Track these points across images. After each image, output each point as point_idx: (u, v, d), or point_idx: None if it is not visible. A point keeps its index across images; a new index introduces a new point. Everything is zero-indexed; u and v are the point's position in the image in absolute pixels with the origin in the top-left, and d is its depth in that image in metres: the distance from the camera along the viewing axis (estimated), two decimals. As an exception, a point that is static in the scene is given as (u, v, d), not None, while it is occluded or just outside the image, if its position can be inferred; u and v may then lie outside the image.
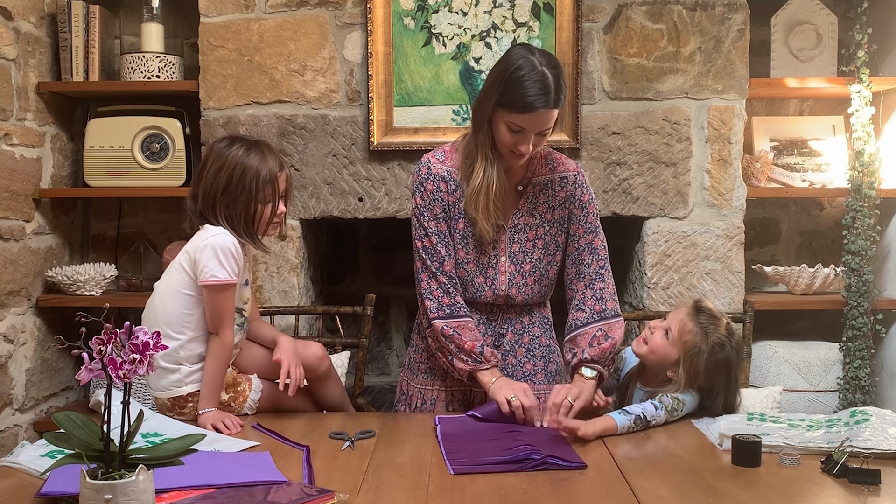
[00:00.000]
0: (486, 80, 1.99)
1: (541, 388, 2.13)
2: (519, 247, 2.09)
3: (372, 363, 3.48)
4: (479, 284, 2.08)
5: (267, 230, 2.04)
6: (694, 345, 1.95)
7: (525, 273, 2.09)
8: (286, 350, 2.03)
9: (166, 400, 1.97)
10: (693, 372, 1.95)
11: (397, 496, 1.44)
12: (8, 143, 2.72)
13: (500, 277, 2.08)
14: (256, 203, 1.98)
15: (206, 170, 1.99)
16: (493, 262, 2.07)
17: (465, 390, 2.11)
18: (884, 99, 2.99)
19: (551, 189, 2.10)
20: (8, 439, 2.71)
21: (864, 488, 1.48)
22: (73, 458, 1.26)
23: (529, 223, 2.09)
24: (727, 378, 1.96)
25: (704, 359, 1.94)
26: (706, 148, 2.85)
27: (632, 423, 1.84)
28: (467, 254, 2.07)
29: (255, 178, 1.96)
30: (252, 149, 1.99)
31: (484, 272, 2.07)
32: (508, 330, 2.12)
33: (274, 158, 2.01)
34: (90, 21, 2.94)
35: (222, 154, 1.98)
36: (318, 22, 2.84)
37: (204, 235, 1.95)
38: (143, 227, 3.26)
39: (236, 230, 1.97)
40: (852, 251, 2.88)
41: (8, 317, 2.72)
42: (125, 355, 1.19)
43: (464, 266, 2.07)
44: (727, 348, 1.96)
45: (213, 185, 1.97)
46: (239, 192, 1.96)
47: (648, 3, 2.83)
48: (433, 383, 2.14)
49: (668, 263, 2.87)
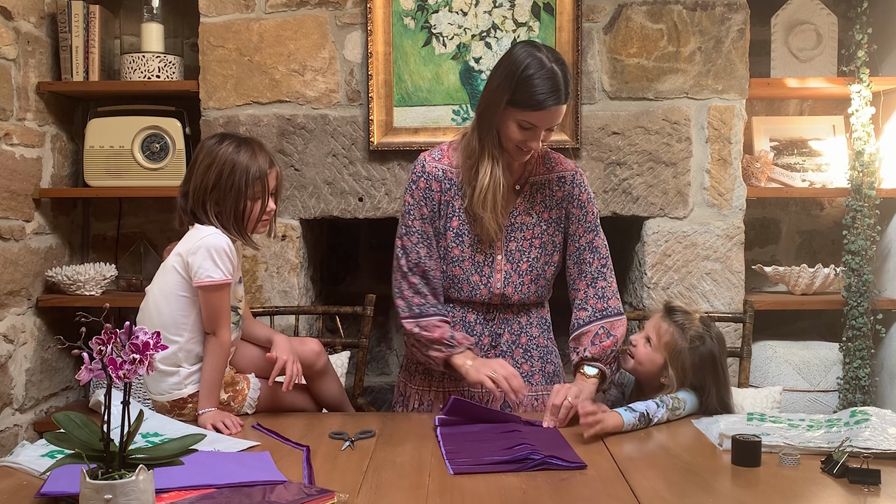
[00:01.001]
0: (492, 79, 1.99)
1: (538, 388, 2.14)
2: (516, 245, 2.09)
3: (372, 363, 3.48)
4: (474, 283, 2.08)
5: (256, 227, 2.04)
6: (675, 344, 2.00)
7: (522, 272, 2.09)
8: (282, 347, 2.05)
9: (166, 402, 1.97)
10: (681, 370, 1.99)
11: (397, 496, 1.44)
12: (8, 143, 2.72)
13: (495, 276, 2.08)
14: (246, 200, 1.97)
15: (196, 167, 1.99)
16: (488, 260, 2.08)
17: (462, 391, 2.11)
18: (884, 99, 2.99)
19: (549, 188, 2.10)
20: (8, 439, 2.71)
21: (864, 488, 1.48)
22: (73, 458, 1.25)
23: (526, 222, 2.09)
24: (714, 369, 1.99)
25: (688, 354, 1.98)
26: (706, 148, 2.85)
27: (636, 421, 1.86)
28: (462, 252, 2.07)
29: (244, 174, 1.96)
30: (242, 146, 1.98)
31: (479, 270, 2.08)
32: (505, 330, 2.12)
33: (264, 156, 2.01)
34: (90, 21, 2.94)
35: (212, 151, 1.97)
36: (318, 22, 2.84)
37: (196, 236, 1.95)
38: (143, 227, 3.26)
39: (226, 227, 1.97)
40: (852, 251, 2.88)
41: (8, 317, 2.72)
42: (125, 355, 1.19)
43: (458, 264, 2.07)
44: (707, 340, 2.00)
45: (202, 182, 1.96)
46: (228, 189, 1.96)
47: (648, 3, 2.83)
48: (430, 384, 2.14)
49: (668, 263, 2.87)
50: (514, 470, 1.57)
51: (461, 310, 2.11)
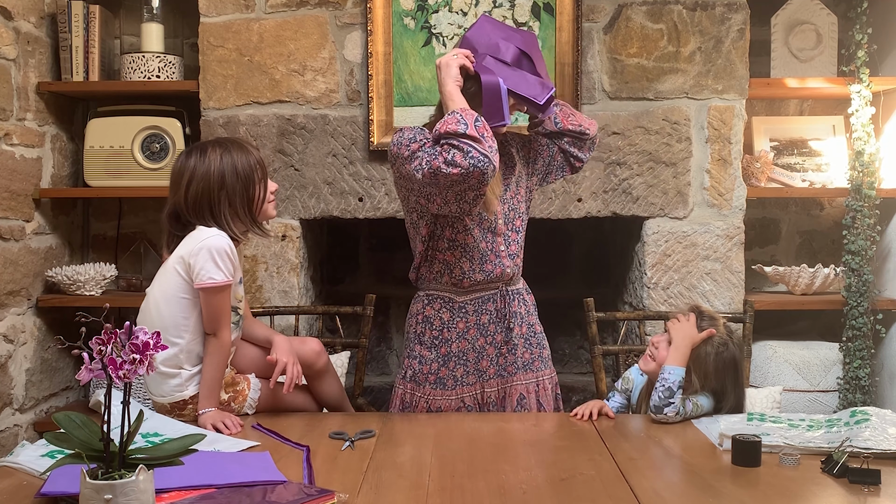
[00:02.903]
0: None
1: (540, 374, 2.18)
2: (508, 206, 2.14)
3: (372, 363, 3.49)
4: (483, 252, 2.09)
5: (268, 210, 2.06)
6: (701, 349, 1.98)
7: (518, 229, 2.16)
8: (282, 349, 2.05)
9: (166, 403, 1.97)
10: (703, 376, 1.99)
11: (397, 496, 1.44)
12: (8, 143, 2.72)
13: (497, 240, 2.11)
14: (255, 188, 2.00)
15: (189, 183, 1.97)
16: (490, 226, 2.10)
17: (476, 394, 2.12)
18: (884, 99, 2.99)
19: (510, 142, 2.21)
20: (8, 439, 2.71)
21: (864, 488, 1.48)
22: (73, 458, 1.26)
23: (509, 182, 2.16)
24: (735, 375, 2.01)
25: (712, 361, 1.98)
26: (706, 148, 2.85)
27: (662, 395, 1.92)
28: (468, 221, 2.08)
29: (245, 167, 1.98)
30: (226, 147, 2.00)
31: (485, 237, 2.09)
32: (515, 324, 2.14)
33: (240, 146, 2.02)
34: (90, 21, 2.94)
35: (199, 166, 1.97)
36: (318, 22, 2.84)
37: (197, 238, 1.95)
38: (143, 227, 3.26)
39: (238, 223, 1.99)
40: (852, 251, 2.88)
41: (8, 317, 2.72)
42: (125, 355, 1.19)
43: (469, 232, 2.07)
44: (730, 346, 2.01)
45: (202, 193, 1.96)
46: (235, 187, 1.97)
47: (648, 3, 2.83)
48: (442, 393, 2.12)
49: (668, 263, 2.87)
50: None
51: (475, 312, 2.12)
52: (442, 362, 2.11)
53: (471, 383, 2.11)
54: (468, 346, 2.10)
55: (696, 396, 1.97)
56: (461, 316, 2.11)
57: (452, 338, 2.11)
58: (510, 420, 2.00)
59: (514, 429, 1.90)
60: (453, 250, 2.08)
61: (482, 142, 1.86)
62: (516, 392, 2.13)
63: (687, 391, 1.98)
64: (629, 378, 2.18)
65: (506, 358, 2.13)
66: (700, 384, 1.99)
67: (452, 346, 2.11)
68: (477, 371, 2.11)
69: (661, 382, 1.93)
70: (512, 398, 2.13)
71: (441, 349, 2.11)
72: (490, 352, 2.12)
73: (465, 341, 2.10)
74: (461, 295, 2.11)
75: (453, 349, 2.11)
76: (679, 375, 1.93)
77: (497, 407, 2.13)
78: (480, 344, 2.11)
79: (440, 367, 2.11)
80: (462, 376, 2.11)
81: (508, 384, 2.14)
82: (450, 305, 2.11)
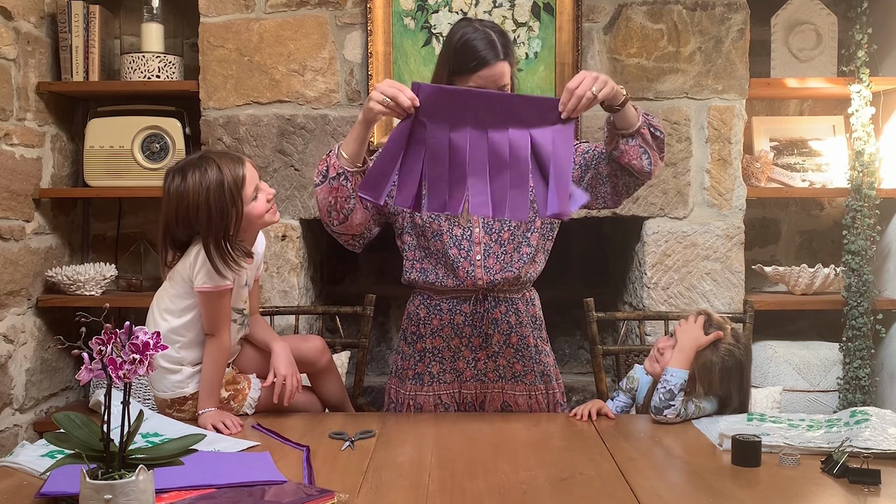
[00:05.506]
0: (437, 64, 2.05)
1: (533, 388, 2.13)
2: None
3: (372, 363, 3.48)
4: (454, 258, 2.04)
5: (268, 218, 1.99)
6: (706, 358, 1.98)
7: (503, 241, 2.07)
8: (281, 361, 2.01)
9: (167, 398, 1.97)
10: (708, 384, 1.98)
11: (397, 496, 1.44)
12: (8, 143, 2.72)
13: (474, 249, 2.06)
14: (230, 213, 1.89)
15: (176, 207, 1.91)
16: (466, 234, 2.06)
17: (454, 393, 2.11)
18: (884, 99, 2.99)
19: None
20: (8, 439, 2.71)
21: (864, 488, 1.48)
22: (73, 458, 1.25)
23: None
24: (740, 381, 2.01)
25: (717, 371, 1.97)
26: (706, 148, 2.85)
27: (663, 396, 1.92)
28: (440, 225, 2.06)
29: (229, 186, 1.89)
30: (203, 168, 1.90)
31: (458, 244, 2.06)
32: (495, 331, 2.10)
33: (227, 161, 1.93)
34: (90, 21, 2.94)
35: (179, 188, 1.90)
36: (318, 22, 2.84)
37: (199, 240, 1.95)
38: (143, 227, 3.26)
39: (217, 256, 1.89)
40: (852, 251, 2.88)
41: (8, 317, 2.72)
42: (125, 355, 1.19)
43: (438, 238, 2.05)
44: (735, 354, 1.99)
45: (186, 219, 1.91)
46: (217, 211, 1.88)
47: (648, 3, 2.83)
48: (421, 389, 2.12)
49: (668, 263, 2.87)
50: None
51: (449, 311, 2.10)
52: (419, 358, 2.12)
53: (447, 381, 2.10)
54: (443, 344, 2.10)
55: (699, 399, 1.97)
56: (436, 313, 2.11)
57: (427, 334, 2.11)
58: (510, 420, 2.00)
59: (514, 429, 1.90)
60: (429, 257, 2.09)
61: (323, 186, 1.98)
62: (499, 398, 2.11)
63: (690, 396, 1.98)
64: (634, 377, 2.18)
65: (485, 364, 2.10)
66: (704, 391, 1.99)
67: (427, 342, 2.11)
68: (454, 370, 2.11)
69: (663, 384, 1.93)
70: (494, 403, 2.10)
71: (417, 345, 2.12)
72: (466, 354, 2.10)
73: (439, 339, 2.10)
74: (438, 294, 2.12)
75: (428, 345, 2.11)
76: (681, 378, 1.92)
77: (476, 409, 2.12)
78: (455, 344, 2.10)
79: (417, 362, 2.12)
80: (438, 374, 2.11)
81: (489, 390, 2.11)
82: (427, 302, 2.12)
